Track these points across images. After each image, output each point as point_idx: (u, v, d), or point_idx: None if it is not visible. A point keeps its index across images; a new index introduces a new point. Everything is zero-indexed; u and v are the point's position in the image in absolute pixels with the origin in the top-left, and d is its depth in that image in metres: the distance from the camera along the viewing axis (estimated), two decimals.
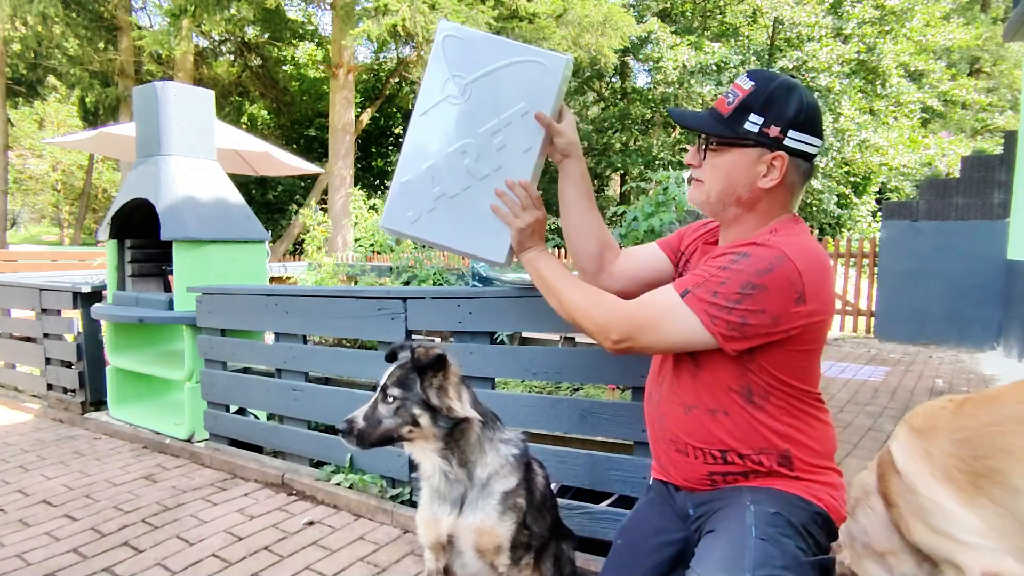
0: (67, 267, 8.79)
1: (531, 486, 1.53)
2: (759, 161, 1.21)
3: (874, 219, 16.14)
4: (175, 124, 3.61)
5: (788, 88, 1.21)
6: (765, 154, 1.21)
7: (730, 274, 1.14)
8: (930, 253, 6.51)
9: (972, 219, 6.35)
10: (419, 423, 1.41)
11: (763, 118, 1.20)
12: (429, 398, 1.40)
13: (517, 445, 1.54)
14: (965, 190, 6.41)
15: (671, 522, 1.35)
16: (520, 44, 1.54)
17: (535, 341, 3.89)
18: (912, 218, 6.65)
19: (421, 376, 1.41)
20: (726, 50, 15.67)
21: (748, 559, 1.07)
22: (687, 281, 1.20)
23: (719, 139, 1.25)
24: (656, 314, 1.20)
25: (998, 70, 19.53)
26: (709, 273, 1.17)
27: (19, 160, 23.76)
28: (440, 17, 10.63)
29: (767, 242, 1.17)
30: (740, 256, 1.15)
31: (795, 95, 1.20)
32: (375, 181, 20.09)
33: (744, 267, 1.14)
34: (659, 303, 1.22)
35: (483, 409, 1.53)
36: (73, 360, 4.03)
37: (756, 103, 1.20)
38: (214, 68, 17.19)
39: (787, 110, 1.19)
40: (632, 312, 1.24)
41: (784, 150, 1.20)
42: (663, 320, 1.19)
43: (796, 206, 1.30)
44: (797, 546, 1.12)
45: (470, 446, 1.47)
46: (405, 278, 5.04)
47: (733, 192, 1.24)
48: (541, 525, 1.57)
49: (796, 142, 1.20)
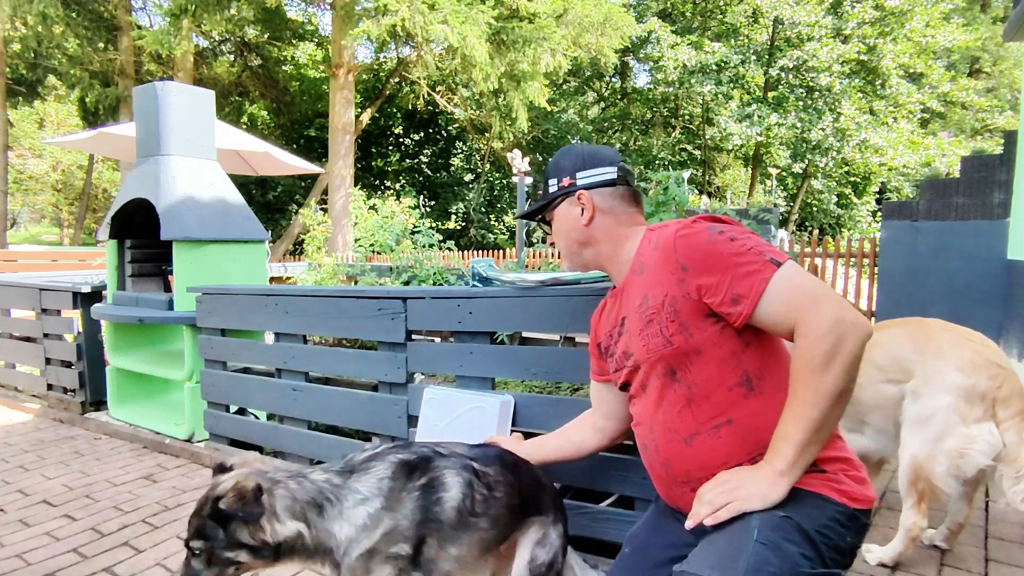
0: (67, 267, 8.79)
1: (427, 515, 1.37)
2: (572, 207, 1.46)
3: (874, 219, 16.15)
4: (175, 124, 3.61)
5: (566, 151, 1.51)
6: (572, 199, 1.45)
7: (739, 236, 1.20)
8: (930, 253, 6.51)
9: (972, 219, 6.35)
10: (241, 562, 1.28)
11: (557, 179, 1.48)
12: (239, 539, 1.25)
13: (380, 490, 1.36)
14: (965, 190, 6.41)
15: (682, 536, 1.30)
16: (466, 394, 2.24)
17: (535, 341, 3.89)
18: (912, 218, 6.64)
19: (222, 523, 1.25)
20: (726, 50, 15.68)
21: (743, 562, 1.04)
22: (753, 266, 1.15)
23: (545, 210, 1.52)
24: (804, 285, 1.13)
25: (998, 70, 19.54)
26: (741, 248, 1.18)
27: (19, 160, 23.75)
28: (440, 17, 10.64)
29: (681, 223, 1.27)
30: (711, 230, 1.22)
31: (571, 151, 1.49)
32: (375, 181, 20.11)
33: (725, 229, 1.22)
34: (790, 284, 1.14)
35: (314, 489, 1.34)
36: (73, 360, 4.03)
37: (551, 173, 1.51)
38: (214, 68, 17.19)
39: (568, 163, 1.47)
40: (803, 307, 1.11)
41: (581, 188, 1.44)
42: (804, 279, 1.14)
43: (640, 219, 1.46)
44: (802, 554, 1.07)
45: (318, 540, 1.32)
46: (405, 278, 5.04)
47: (572, 239, 1.47)
48: (467, 542, 1.43)
49: (586, 178, 1.44)
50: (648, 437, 1.35)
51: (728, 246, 1.18)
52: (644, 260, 1.33)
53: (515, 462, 1.59)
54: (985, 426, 1.92)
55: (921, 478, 1.98)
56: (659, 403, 1.30)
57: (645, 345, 1.29)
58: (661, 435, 1.30)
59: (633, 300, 1.35)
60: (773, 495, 1.11)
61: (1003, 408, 1.93)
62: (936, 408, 1.97)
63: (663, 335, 1.25)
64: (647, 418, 1.35)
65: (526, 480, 1.58)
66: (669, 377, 1.27)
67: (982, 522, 2.49)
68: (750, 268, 1.15)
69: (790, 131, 15.10)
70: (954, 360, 1.99)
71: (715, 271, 1.17)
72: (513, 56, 12.20)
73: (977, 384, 1.93)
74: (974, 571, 2.12)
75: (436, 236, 5.63)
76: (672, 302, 1.22)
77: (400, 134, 20.93)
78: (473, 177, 21.36)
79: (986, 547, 2.29)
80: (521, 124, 13.78)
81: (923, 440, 1.99)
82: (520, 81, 12.88)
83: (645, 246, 1.36)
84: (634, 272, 1.37)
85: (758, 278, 1.14)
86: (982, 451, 1.91)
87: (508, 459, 1.58)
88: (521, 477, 1.57)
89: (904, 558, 2.13)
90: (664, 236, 1.27)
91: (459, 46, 10.93)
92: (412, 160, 21.36)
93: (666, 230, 1.28)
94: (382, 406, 2.58)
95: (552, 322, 2.13)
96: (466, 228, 20.25)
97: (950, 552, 2.23)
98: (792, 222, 17.86)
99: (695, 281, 1.19)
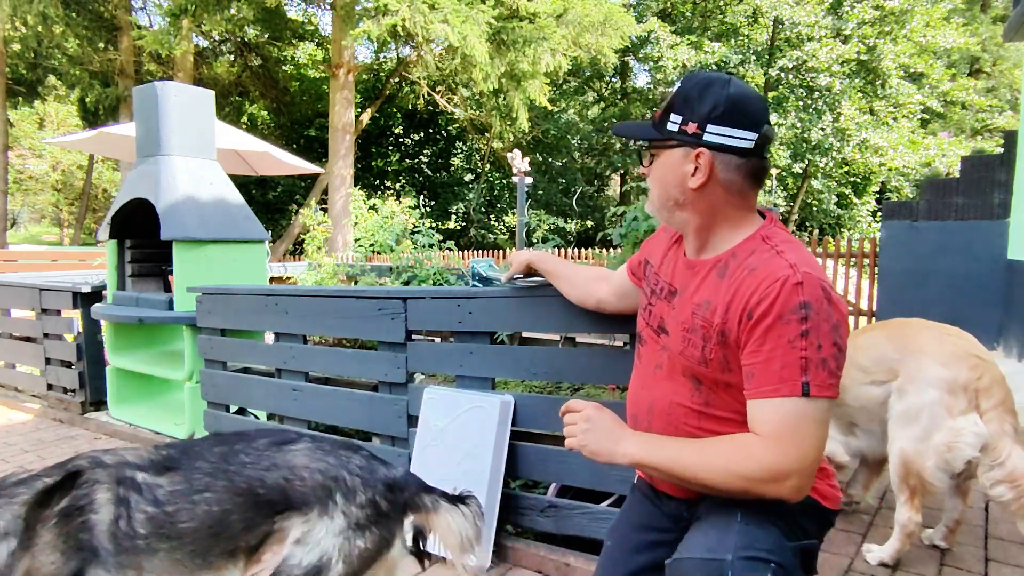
0: (67, 267, 8.80)
1: (74, 544, 1.20)
2: (685, 160, 1.18)
3: (874, 219, 16.15)
4: (175, 124, 3.61)
5: (707, 82, 1.17)
6: (689, 152, 1.17)
7: (817, 335, 1.05)
8: (930, 253, 6.51)
9: (972, 219, 6.35)
10: None
11: (681, 116, 1.17)
12: None
13: (15, 525, 1.20)
14: (965, 190, 6.41)
15: (660, 522, 1.32)
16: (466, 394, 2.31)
17: (535, 341, 3.89)
18: (912, 218, 6.64)
19: None
20: (726, 50, 15.68)
21: (731, 541, 1.07)
22: (787, 372, 1.06)
23: (652, 143, 1.24)
24: (803, 428, 1.06)
25: (998, 70, 19.54)
26: (801, 348, 1.05)
27: (19, 160, 23.75)
28: (440, 17, 10.64)
29: (793, 270, 1.09)
30: (800, 308, 1.06)
31: (713, 88, 1.15)
32: (375, 181, 20.10)
33: (815, 315, 1.06)
34: (794, 417, 1.06)
35: None
36: (73, 360, 4.03)
37: (676, 102, 1.19)
38: (214, 68, 17.19)
39: (703, 105, 1.15)
40: (782, 443, 1.06)
41: (705, 145, 1.16)
42: (811, 426, 1.06)
43: (753, 203, 1.23)
44: (782, 532, 1.11)
45: None
46: (405, 278, 5.04)
47: (669, 195, 1.22)
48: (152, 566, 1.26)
49: (717, 136, 1.15)
50: (643, 413, 1.31)
51: (793, 335, 1.06)
52: (732, 267, 1.17)
53: (231, 457, 1.41)
54: (971, 417, 1.96)
55: (912, 473, 2.01)
56: (670, 392, 1.26)
57: (683, 348, 1.22)
58: (658, 418, 1.28)
59: (696, 290, 1.22)
60: (614, 461, 1.20)
61: (985, 398, 1.97)
62: (922, 403, 2.00)
63: (703, 353, 1.18)
64: (648, 394, 1.31)
65: (255, 475, 1.39)
66: (692, 381, 1.23)
67: (982, 522, 2.49)
68: (782, 372, 1.06)
69: (790, 131, 15.11)
70: (935, 355, 2.02)
71: (763, 342, 1.08)
72: (513, 56, 12.19)
73: (959, 376, 1.97)
74: (974, 571, 2.12)
75: (436, 236, 5.63)
76: (726, 332, 1.14)
77: (400, 134, 20.92)
78: (473, 177, 21.35)
79: (986, 547, 2.29)
80: (521, 124, 13.78)
81: (912, 436, 2.01)
82: (520, 81, 12.88)
83: (745, 250, 1.17)
84: (715, 265, 1.20)
85: (775, 385, 1.07)
86: (969, 443, 1.93)
87: (212, 457, 1.40)
88: (242, 472, 1.38)
89: (904, 557, 2.13)
90: (765, 268, 1.11)
91: (459, 46, 10.93)
92: (412, 160, 21.35)
93: (776, 263, 1.11)
94: (382, 406, 2.58)
95: (552, 322, 2.13)
96: (466, 228, 20.24)
97: (950, 552, 2.23)
98: (792, 222, 17.87)
99: (747, 333, 1.11)
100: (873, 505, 2.63)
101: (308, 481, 1.39)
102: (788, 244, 1.16)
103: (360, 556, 1.37)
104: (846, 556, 2.20)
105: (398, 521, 1.46)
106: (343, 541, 1.36)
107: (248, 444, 1.46)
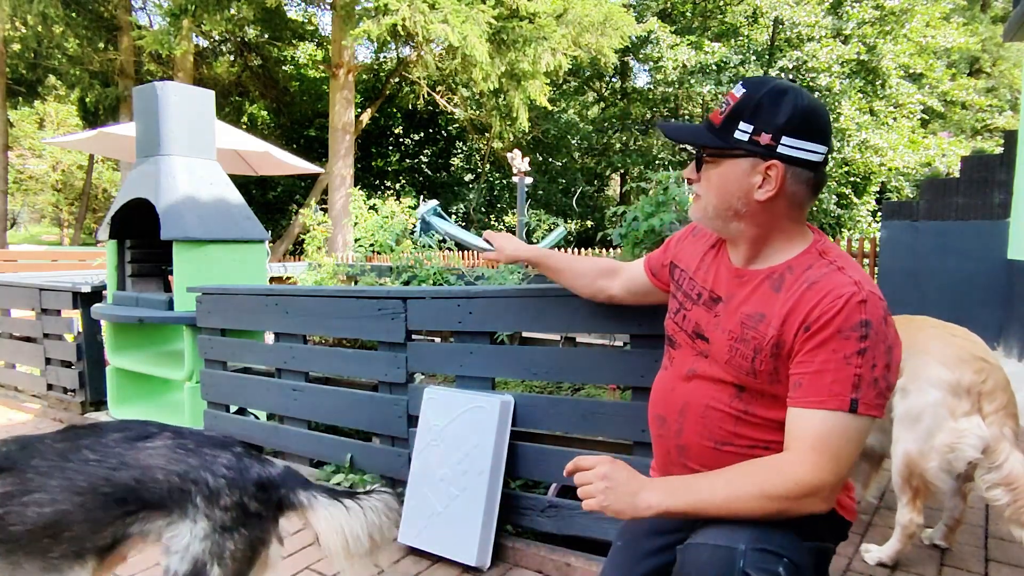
0: (67, 267, 8.80)
1: None
2: (753, 171, 1.15)
3: (874, 219, 16.14)
4: (175, 124, 3.61)
5: (780, 92, 1.13)
6: (759, 164, 1.14)
7: (874, 355, 1.06)
8: (930, 253, 6.51)
9: (972, 219, 6.35)
10: None
11: (753, 125, 1.13)
12: None
13: None
14: (965, 190, 6.41)
15: (674, 524, 1.31)
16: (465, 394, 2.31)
17: (535, 341, 3.89)
18: (912, 218, 6.65)
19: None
20: (726, 50, 15.67)
21: (746, 533, 1.07)
22: (838, 387, 1.07)
23: (711, 150, 1.20)
24: (843, 445, 1.07)
25: (998, 70, 19.53)
26: (856, 365, 1.06)
27: (19, 160, 23.76)
28: (440, 17, 10.64)
29: (859, 288, 1.09)
30: (861, 326, 1.07)
31: (788, 98, 1.12)
32: (375, 181, 20.10)
33: (874, 335, 1.07)
34: (837, 431, 1.07)
35: None
36: (73, 360, 4.03)
37: (746, 110, 1.14)
38: (214, 68, 17.19)
39: (778, 115, 1.12)
40: (818, 456, 1.07)
41: (778, 158, 1.13)
42: (850, 444, 1.07)
43: (805, 215, 1.23)
44: (797, 533, 1.11)
45: None
46: (405, 278, 5.03)
47: (729, 206, 1.18)
48: None
49: (792, 149, 1.12)
50: (673, 416, 1.29)
51: (850, 352, 1.06)
52: (789, 281, 1.16)
53: (71, 454, 1.34)
54: (973, 419, 1.96)
55: (915, 475, 2.01)
56: (706, 397, 1.25)
57: (730, 357, 1.20)
58: (691, 424, 1.26)
59: (745, 300, 1.21)
60: (637, 515, 1.12)
61: (988, 402, 1.97)
62: (925, 404, 2.00)
63: (753, 364, 1.17)
64: (680, 397, 1.28)
65: (100, 473, 1.33)
66: (735, 388, 1.22)
67: (982, 522, 2.49)
68: (832, 387, 1.06)
69: None
70: (939, 356, 2.02)
71: (817, 354, 1.08)
72: (513, 56, 12.19)
73: (962, 379, 1.97)
74: (974, 571, 2.12)
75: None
76: (779, 345, 1.14)
77: (400, 134, 20.91)
78: (473, 177, 21.35)
79: (986, 547, 2.29)
80: (521, 124, 13.77)
81: (915, 437, 2.01)
82: (520, 81, 12.88)
83: (802, 264, 1.17)
84: (768, 276, 1.19)
85: (823, 397, 1.07)
86: (972, 444, 1.93)
87: (51, 455, 1.34)
88: (83, 471, 1.33)
89: (904, 557, 2.13)
90: (827, 283, 1.11)
91: (459, 46, 10.93)
92: (412, 160, 21.35)
93: (839, 278, 1.11)
94: (382, 406, 2.58)
95: (552, 322, 2.13)
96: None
97: (950, 551, 2.23)
98: None
99: (800, 343, 1.11)
100: (873, 504, 2.63)
101: (163, 482, 1.34)
102: (846, 260, 1.16)
103: (234, 558, 1.34)
104: (844, 556, 2.20)
105: (272, 520, 1.43)
106: (211, 545, 1.33)
107: (96, 440, 1.39)
